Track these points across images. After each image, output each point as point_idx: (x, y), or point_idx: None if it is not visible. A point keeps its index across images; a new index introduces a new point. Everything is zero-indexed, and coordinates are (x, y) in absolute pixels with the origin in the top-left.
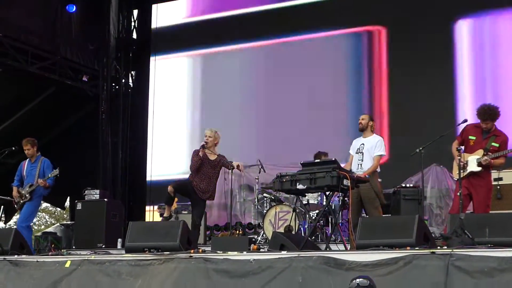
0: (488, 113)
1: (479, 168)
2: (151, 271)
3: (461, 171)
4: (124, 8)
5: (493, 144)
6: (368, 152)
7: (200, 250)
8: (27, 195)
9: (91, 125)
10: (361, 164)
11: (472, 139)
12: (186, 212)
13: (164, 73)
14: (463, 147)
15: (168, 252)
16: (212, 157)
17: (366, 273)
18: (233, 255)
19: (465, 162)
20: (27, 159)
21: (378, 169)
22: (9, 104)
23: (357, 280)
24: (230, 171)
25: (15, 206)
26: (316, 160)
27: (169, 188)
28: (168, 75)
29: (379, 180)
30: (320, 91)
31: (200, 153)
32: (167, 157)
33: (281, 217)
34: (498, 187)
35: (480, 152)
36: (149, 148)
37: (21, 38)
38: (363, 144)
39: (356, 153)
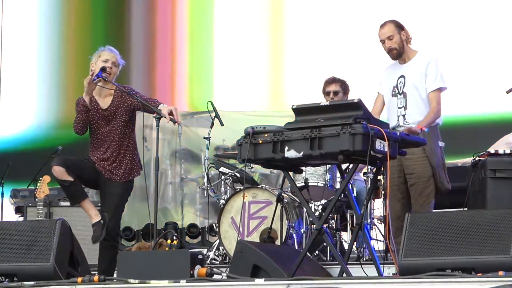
0: None
1: None
2: None
3: None
4: None
5: None
6: (414, 88)
7: (96, 278)
8: None
9: None
10: (403, 115)
11: None
12: (68, 204)
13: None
14: None
15: (32, 282)
16: (105, 103)
17: None
18: (160, 287)
19: None
20: None
21: (440, 121)
22: None
23: None
24: (153, 123)
25: None
26: (324, 103)
27: (57, 169)
28: None
29: (441, 143)
30: None
31: (85, 97)
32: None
33: (253, 212)
34: None
35: None
36: None
37: None
38: (402, 76)
39: (393, 95)
